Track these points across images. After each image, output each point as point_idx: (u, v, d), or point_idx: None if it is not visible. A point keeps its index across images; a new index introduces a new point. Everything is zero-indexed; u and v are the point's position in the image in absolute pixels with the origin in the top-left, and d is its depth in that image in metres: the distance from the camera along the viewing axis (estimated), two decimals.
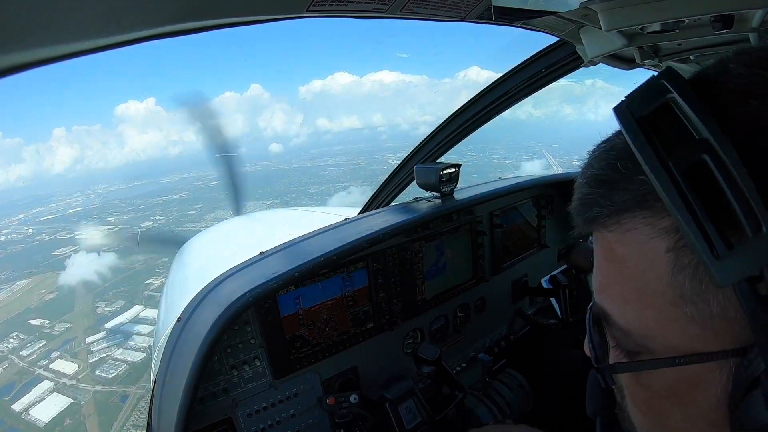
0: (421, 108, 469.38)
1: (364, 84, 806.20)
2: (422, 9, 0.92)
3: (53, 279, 53.73)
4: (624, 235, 0.45)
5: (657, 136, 0.38)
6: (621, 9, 1.02)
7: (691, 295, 0.41)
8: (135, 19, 0.54)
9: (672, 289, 0.42)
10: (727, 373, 0.42)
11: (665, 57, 1.51)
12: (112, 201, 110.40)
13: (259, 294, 1.32)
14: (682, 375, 0.45)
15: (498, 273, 2.24)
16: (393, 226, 1.64)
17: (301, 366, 1.57)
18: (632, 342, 0.48)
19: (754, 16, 1.03)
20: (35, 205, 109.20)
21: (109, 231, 67.50)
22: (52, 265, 59.05)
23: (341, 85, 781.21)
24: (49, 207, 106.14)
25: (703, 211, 0.35)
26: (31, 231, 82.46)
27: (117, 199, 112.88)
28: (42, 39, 0.46)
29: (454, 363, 2.09)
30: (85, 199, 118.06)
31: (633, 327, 0.47)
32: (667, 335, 0.45)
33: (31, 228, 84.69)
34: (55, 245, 68.04)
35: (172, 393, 1.25)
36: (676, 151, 0.36)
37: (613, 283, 0.48)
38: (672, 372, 0.46)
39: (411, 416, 1.56)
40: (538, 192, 2.45)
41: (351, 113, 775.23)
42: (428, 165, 1.94)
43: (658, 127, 0.38)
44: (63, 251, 62.46)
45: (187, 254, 4.19)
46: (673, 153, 0.36)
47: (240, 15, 0.67)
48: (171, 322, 1.54)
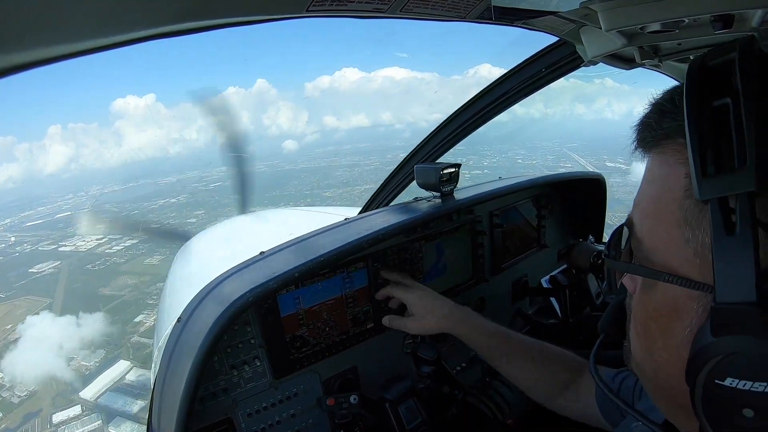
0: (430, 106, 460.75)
1: (373, 80, 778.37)
2: (422, 9, 0.92)
3: (26, 308, 41.55)
4: (660, 157, 0.51)
5: (707, 80, 0.43)
6: (621, 9, 1.02)
7: (692, 220, 0.46)
8: (135, 19, 0.54)
9: (680, 211, 0.48)
10: (702, 307, 0.46)
11: (665, 57, 1.51)
12: (104, 205, 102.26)
13: (259, 294, 1.32)
14: (667, 296, 0.51)
15: (498, 273, 2.24)
16: (393, 226, 1.64)
17: (301, 366, 1.57)
18: (642, 252, 0.54)
19: (754, 16, 1.03)
20: (25, 209, 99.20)
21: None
22: (27, 287, 48.49)
23: (350, 82, 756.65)
24: (38, 210, 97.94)
25: (710, 140, 0.41)
26: (13, 239, 73.01)
27: (110, 203, 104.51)
28: (42, 39, 0.46)
29: (454, 363, 2.09)
30: (77, 202, 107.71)
31: (645, 238, 0.53)
32: (667, 253, 0.50)
33: (14, 236, 75.35)
34: (34, 259, 57.53)
35: (172, 393, 1.25)
36: (712, 94, 0.42)
37: (643, 198, 0.55)
38: (661, 290, 0.51)
39: (411, 416, 1.56)
40: (538, 192, 2.45)
41: (359, 111, 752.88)
42: (428, 165, 1.94)
43: (711, 75, 0.43)
44: (41, 268, 52.54)
45: (187, 254, 4.19)
46: (710, 94, 0.42)
47: (239, 15, 0.67)
48: (171, 322, 1.54)
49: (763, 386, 0.40)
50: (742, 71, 0.40)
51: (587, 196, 2.60)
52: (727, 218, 0.39)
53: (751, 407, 0.41)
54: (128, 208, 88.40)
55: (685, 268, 0.48)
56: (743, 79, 0.40)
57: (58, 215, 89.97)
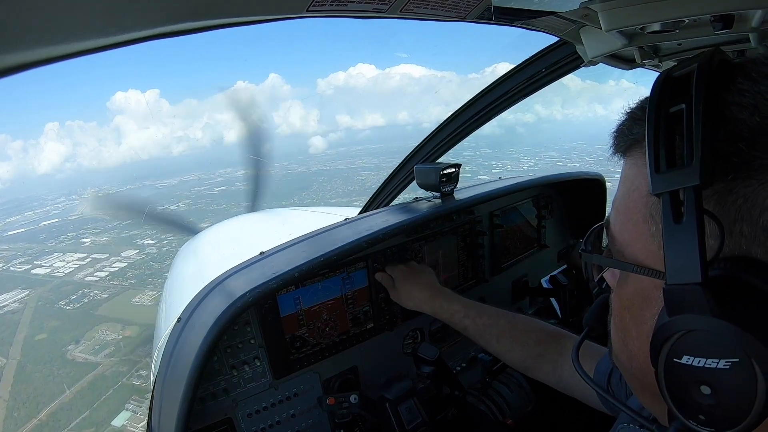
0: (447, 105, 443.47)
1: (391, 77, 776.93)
2: (422, 9, 0.92)
3: None
4: (631, 160, 0.56)
5: (668, 89, 0.47)
6: (621, 9, 1.02)
7: (655, 215, 0.50)
8: (135, 19, 0.54)
9: (646, 207, 0.52)
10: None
11: (665, 57, 1.51)
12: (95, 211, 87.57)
13: (260, 294, 1.32)
14: (638, 287, 0.55)
15: (498, 273, 2.24)
16: (393, 226, 1.64)
17: (301, 366, 1.57)
18: (615, 247, 0.58)
19: (754, 16, 1.03)
20: (12, 213, 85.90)
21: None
22: None
23: (368, 79, 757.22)
24: (25, 215, 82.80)
25: (664, 140, 0.45)
26: None
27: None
28: (42, 39, 0.46)
29: (454, 363, 2.09)
30: (68, 206, 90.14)
31: (618, 234, 0.57)
32: (636, 247, 0.54)
33: None
34: (1, 285, 43.63)
35: (172, 393, 1.25)
36: (670, 101, 0.46)
37: (617, 198, 0.59)
38: (633, 282, 0.55)
39: (411, 416, 1.56)
40: (538, 192, 2.45)
41: (375, 110, 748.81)
42: (428, 165, 1.94)
43: (672, 84, 0.47)
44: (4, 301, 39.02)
45: (188, 253, 4.19)
46: (668, 101, 0.46)
47: (239, 15, 0.67)
48: (171, 322, 1.54)
49: (715, 363, 0.42)
50: (698, 80, 0.44)
51: (587, 197, 2.60)
52: (677, 209, 0.43)
53: (707, 384, 0.43)
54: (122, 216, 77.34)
55: (650, 260, 0.52)
56: (697, 87, 0.44)
57: (44, 222, 77.05)
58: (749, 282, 0.41)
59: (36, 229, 71.83)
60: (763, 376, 0.40)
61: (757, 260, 0.42)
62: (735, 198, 0.43)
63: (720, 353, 0.42)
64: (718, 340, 0.42)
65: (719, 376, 0.42)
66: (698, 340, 0.43)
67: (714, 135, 0.43)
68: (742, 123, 0.43)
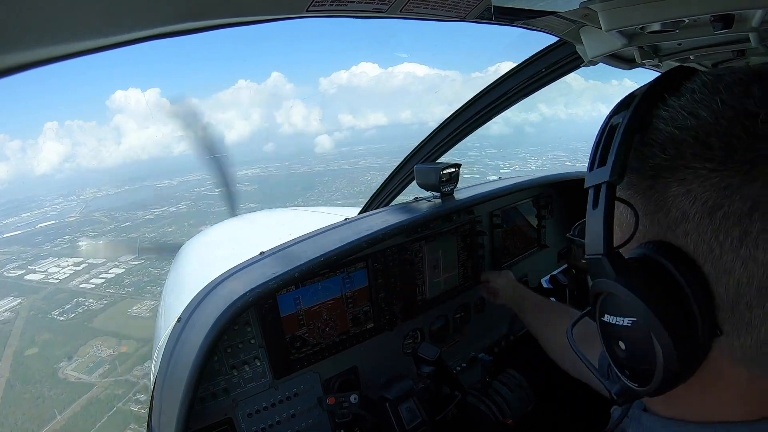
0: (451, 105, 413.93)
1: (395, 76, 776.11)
2: (422, 9, 0.92)
3: None
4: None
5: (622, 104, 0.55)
6: (621, 9, 1.02)
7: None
8: (135, 19, 0.54)
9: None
10: None
11: (665, 57, 1.51)
12: (93, 213, 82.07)
13: (259, 294, 1.32)
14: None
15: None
16: (393, 226, 1.64)
17: (301, 366, 1.57)
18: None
19: (754, 16, 1.03)
20: (11, 214, 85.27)
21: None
22: None
23: (371, 77, 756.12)
24: (22, 217, 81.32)
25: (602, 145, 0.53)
26: None
27: (100, 210, 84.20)
28: (42, 39, 0.46)
29: (454, 363, 2.09)
30: (66, 207, 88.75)
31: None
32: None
33: None
34: None
35: (172, 393, 1.25)
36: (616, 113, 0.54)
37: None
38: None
39: (411, 416, 1.56)
40: (537, 192, 2.45)
41: (378, 109, 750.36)
42: (428, 165, 1.94)
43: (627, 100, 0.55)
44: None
45: (187, 254, 4.18)
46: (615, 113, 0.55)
47: (239, 15, 0.67)
48: (171, 322, 1.54)
49: (622, 320, 0.51)
50: (640, 97, 0.52)
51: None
52: (597, 199, 0.53)
53: (621, 339, 0.52)
54: (119, 218, 72.84)
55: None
56: (637, 103, 0.52)
57: (41, 224, 75.35)
58: (657, 260, 0.50)
59: (32, 231, 69.73)
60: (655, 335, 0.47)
61: (670, 244, 0.50)
62: (653, 192, 0.51)
63: (623, 312, 0.51)
64: (621, 302, 0.50)
65: (626, 333, 0.51)
66: (610, 301, 0.52)
67: (641, 141, 0.52)
68: (660, 132, 0.50)
